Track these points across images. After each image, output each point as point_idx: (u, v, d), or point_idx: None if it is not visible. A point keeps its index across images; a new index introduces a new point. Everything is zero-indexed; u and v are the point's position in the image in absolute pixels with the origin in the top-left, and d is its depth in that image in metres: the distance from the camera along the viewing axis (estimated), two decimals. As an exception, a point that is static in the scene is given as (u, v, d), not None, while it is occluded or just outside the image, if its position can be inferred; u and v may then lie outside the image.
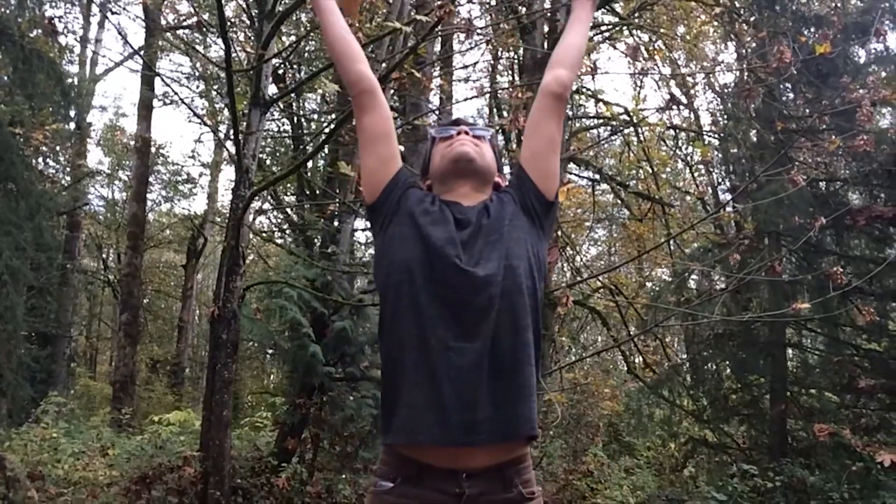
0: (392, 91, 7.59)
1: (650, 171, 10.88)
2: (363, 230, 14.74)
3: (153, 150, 15.98)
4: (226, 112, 14.11)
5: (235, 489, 5.76)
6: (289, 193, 13.56)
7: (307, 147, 12.46)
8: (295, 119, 13.16)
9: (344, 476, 6.30)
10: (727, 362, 9.73)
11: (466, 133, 1.88)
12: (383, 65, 7.00)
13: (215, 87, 14.11)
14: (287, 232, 13.75)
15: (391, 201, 1.79)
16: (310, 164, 11.64)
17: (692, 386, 10.07)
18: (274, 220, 14.09)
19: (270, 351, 14.83)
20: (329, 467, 6.38)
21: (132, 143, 15.71)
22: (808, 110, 8.82)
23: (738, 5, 9.96)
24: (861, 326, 8.84)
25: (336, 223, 8.21)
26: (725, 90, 11.26)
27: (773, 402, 8.96)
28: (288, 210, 12.96)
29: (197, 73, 14.23)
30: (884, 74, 8.61)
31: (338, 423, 6.14)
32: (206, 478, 5.46)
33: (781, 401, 8.75)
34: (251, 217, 6.57)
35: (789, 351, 9.40)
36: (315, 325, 6.12)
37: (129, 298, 13.52)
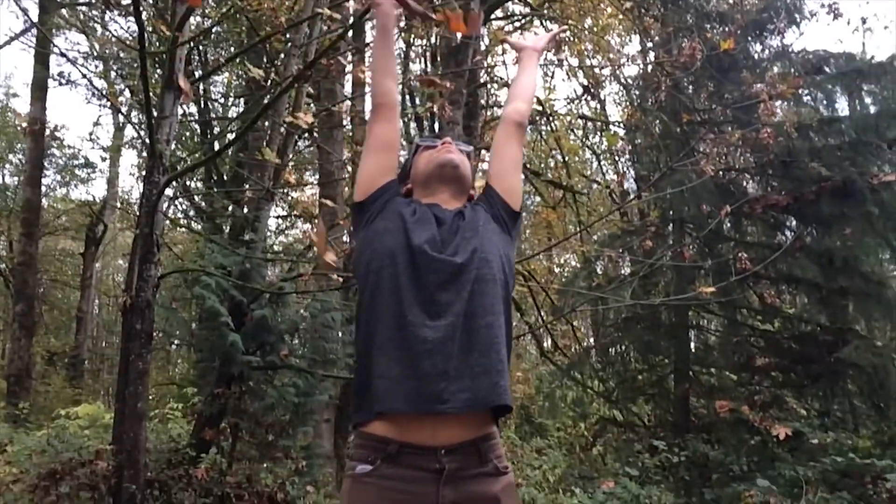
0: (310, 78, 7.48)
1: (561, 160, 11.14)
2: (275, 217, 14.52)
3: (48, 132, 15.18)
4: (126, 94, 13.59)
5: (151, 482, 5.61)
6: (196, 180, 13.18)
7: (216, 132, 12.17)
8: (202, 103, 12.80)
9: (265, 465, 6.25)
10: (633, 345, 10.10)
11: (450, 143, 2.07)
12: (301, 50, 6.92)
13: (115, 67, 13.56)
14: (194, 219, 13.37)
15: (380, 202, 1.94)
16: (216, 148, 11.37)
17: (601, 368, 10.42)
18: (180, 207, 13.69)
19: (177, 341, 14.43)
20: (249, 457, 6.30)
21: (24, 125, 14.88)
22: (710, 103, 9.22)
23: None
24: (756, 308, 9.37)
25: (245, 210, 8.05)
26: (631, 82, 11.63)
27: (676, 381, 9.38)
28: (195, 197, 12.61)
29: (95, 53, 13.62)
30: (776, 70, 9.07)
31: (258, 411, 6.06)
32: (119, 471, 5.29)
33: (685, 380, 9.16)
34: (165, 204, 6.37)
35: (691, 333, 9.85)
36: (233, 313, 6.01)
37: (24, 288, 12.87)
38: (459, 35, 8.62)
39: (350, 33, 9.76)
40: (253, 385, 6.27)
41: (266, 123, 7.42)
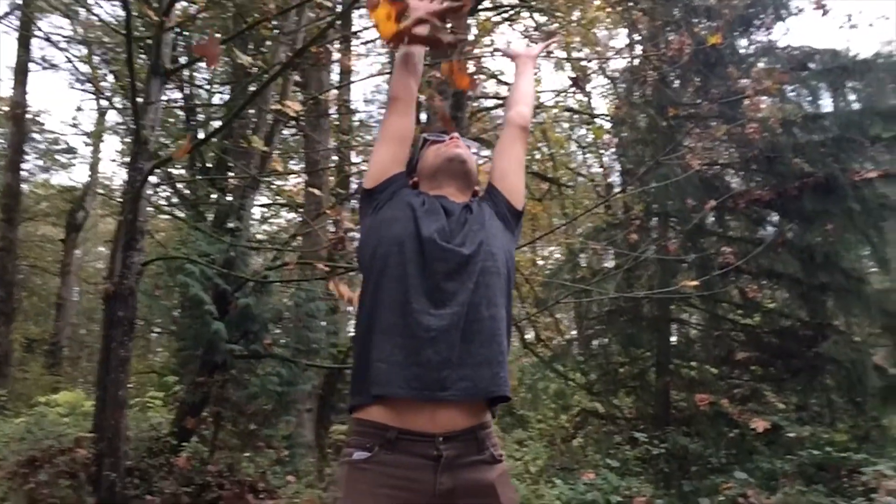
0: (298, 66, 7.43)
1: (547, 152, 11.14)
2: (259, 206, 14.41)
3: (29, 116, 15.00)
4: (110, 79, 13.45)
5: (132, 470, 5.58)
6: (178, 167, 13.06)
7: (199, 119, 12.06)
8: (186, 89, 12.67)
9: (246, 454, 6.23)
10: (616, 337, 10.14)
11: (458, 139, 2.11)
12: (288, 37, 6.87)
13: (99, 52, 13.39)
14: (177, 206, 13.25)
15: (388, 191, 1.97)
16: (201, 136, 11.25)
17: (583, 360, 10.46)
18: (162, 195, 13.56)
19: (158, 329, 14.31)
20: (230, 446, 6.28)
21: (6, 108, 14.69)
22: (696, 98, 9.25)
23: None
24: (737, 303, 9.43)
25: (230, 197, 7.99)
26: (618, 75, 11.64)
27: (657, 374, 9.43)
28: (177, 184, 12.50)
29: (78, 37, 13.45)
30: (762, 65, 9.09)
31: (240, 400, 6.05)
32: (100, 459, 5.26)
33: (665, 373, 9.22)
34: (149, 191, 6.32)
35: (673, 326, 9.91)
36: (217, 301, 5.98)
37: (3, 274, 12.79)
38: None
39: (339, 21, 9.73)
40: (236, 374, 6.25)
41: (252, 111, 7.37)
